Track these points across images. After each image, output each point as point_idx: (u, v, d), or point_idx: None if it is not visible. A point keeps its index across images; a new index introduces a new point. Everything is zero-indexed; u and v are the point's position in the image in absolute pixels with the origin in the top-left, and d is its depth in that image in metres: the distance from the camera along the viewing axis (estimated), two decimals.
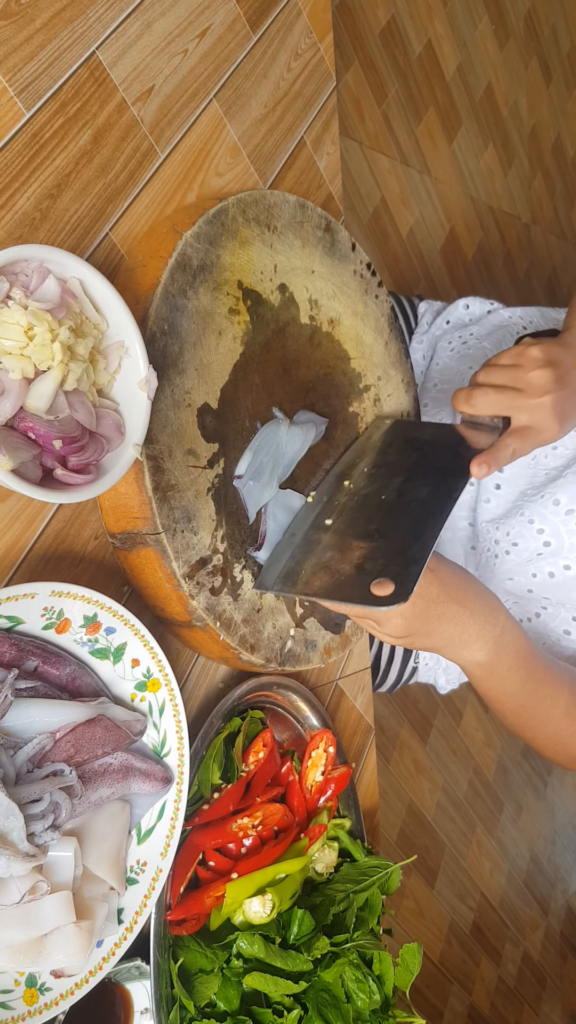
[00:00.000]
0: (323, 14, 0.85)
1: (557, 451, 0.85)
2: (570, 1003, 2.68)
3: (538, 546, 0.84)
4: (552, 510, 0.82)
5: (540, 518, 0.83)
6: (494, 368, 0.72)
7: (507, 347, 0.96)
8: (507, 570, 0.88)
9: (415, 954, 0.73)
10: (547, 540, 0.83)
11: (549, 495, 0.83)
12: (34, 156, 0.58)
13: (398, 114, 2.24)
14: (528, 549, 0.85)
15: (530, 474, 0.87)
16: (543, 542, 0.83)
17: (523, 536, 0.85)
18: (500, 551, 0.88)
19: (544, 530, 0.83)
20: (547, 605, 0.88)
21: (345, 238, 0.80)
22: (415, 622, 0.65)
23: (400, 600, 0.58)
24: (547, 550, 0.84)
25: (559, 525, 0.82)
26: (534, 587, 0.87)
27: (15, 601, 0.53)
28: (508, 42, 2.72)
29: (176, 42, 0.69)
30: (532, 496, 0.85)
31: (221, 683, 0.75)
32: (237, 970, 0.64)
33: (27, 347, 0.50)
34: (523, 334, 0.84)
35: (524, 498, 0.87)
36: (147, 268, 0.62)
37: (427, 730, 2.25)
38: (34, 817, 0.50)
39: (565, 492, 0.81)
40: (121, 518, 0.61)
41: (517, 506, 0.87)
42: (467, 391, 0.71)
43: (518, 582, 0.88)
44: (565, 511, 0.82)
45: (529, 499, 0.85)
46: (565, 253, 3.06)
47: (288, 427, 0.72)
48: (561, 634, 0.88)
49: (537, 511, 0.83)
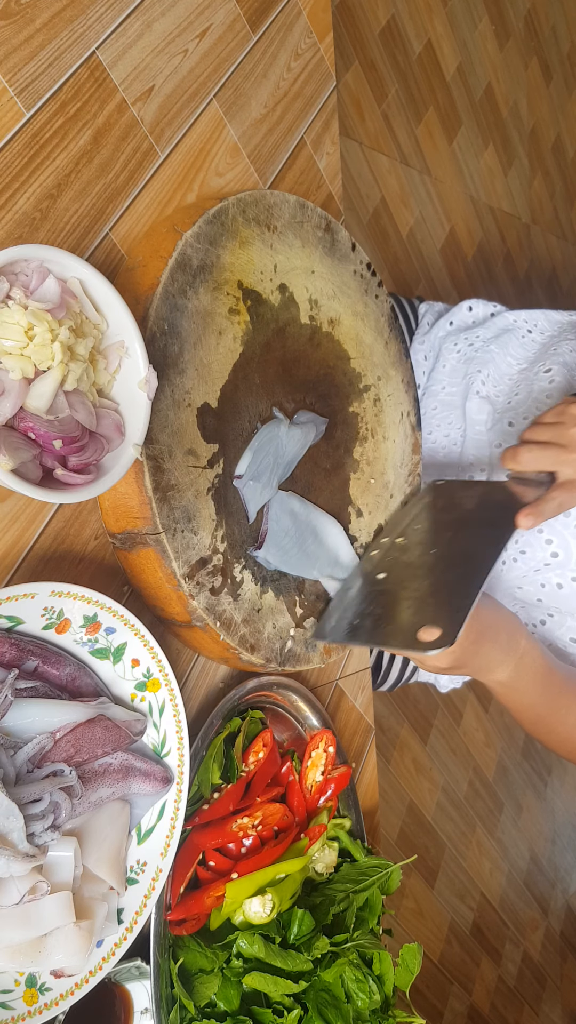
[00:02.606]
0: (323, 14, 0.85)
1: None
2: (570, 1003, 2.69)
3: (545, 556, 0.84)
4: (562, 521, 0.83)
5: (549, 528, 0.83)
6: (538, 426, 0.75)
7: (512, 350, 0.97)
8: (515, 578, 0.88)
9: (415, 954, 0.73)
10: (555, 551, 0.84)
11: None
12: (34, 156, 0.58)
13: (398, 114, 2.24)
14: (536, 558, 0.85)
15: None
16: (551, 552, 0.84)
17: (531, 545, 0.85)
18: (508, 558, 0.88)
19: (552, 540, 0.84)
20: (554, 613, 0.88)
21: (345, 238, 0.80)
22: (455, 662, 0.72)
23: (445, 645, 0.63)
24: (555, 561, 0.84)
25: (568, 537, 0.83)
26: (543, 596, 0.87)
27: (15, 601, 0.53)
28: (508, 42, 2.72)
29: (176, 42, 0.69)
30: None
31: (221, 683, 0.75)
32: (237, 970, 0.64)
33: (27, 347, 0.50)
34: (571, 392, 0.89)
35: None
36: (147, 268, 0.62)
37: (427, 730, 2.25)
38: (34, 817, 0.50)
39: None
40: (121, 518, 0.61)
41: None
42: (513, 449, 0.75)
43: (527, 591, 0.88)
44: (575, 524, 0.82)
45: None
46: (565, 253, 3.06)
47: (288, 427, 0.72)
48: (568, 642, 0.88)
49: (547, 522, 0.83)
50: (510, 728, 2.64)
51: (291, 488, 0.74)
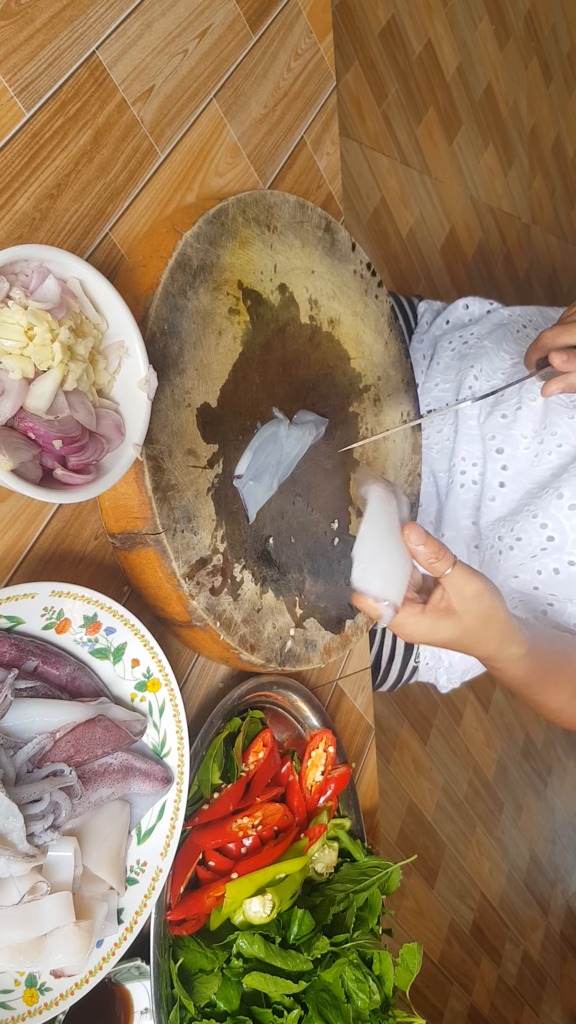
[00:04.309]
0: (323, 14, 0.85)
1: (563, 448, 0.85)
2: (570, 1003, 2.69)
3: (541, 541, 0.84)
4: (556, 504, 0.82)
5: (544, 512, 0.83)
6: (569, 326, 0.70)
7: (506, 345, 0.96)
8: (512, 567, 0.88)
9: (415, 954, 0.73)
10: (551, 535, 0.83)
11: (553, 490, 0.83)
12: (34, 156, 0.58)
13: (398, 114, 2.24)
14: (532, 544, 0.85)
15: (535, 472, 0.87)
16: (547, 537, 0.83)
17: (526, 531, 0.85)
18: (504, 547, 0.88)
19: (547, 524, 0.83)
20: (553, 601, 0.88)
21: (345, 238, 0.80)
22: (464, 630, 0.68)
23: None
24: (551, 545, 0.83)
25: (563, 520, 0.82)
26: (540, 584, 0.87)
27: (15, 601, 0.53)
28: (508, 42, 2.72)
29: (176, 42, 0.69)
30: (537, 493, 0.85)
31: (221, 683, 0.75)
32: (237, 970, 0.64)
33: (27, 347, 0.50)
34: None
35: (530, 496, 0.87)
36: (147, 268, 0.62)
37: (427, 730, 2.25)
38: (34, 817, 0.50)
39: (568, 487, 0.81)
40: (121, 518, 0.61)
41: (523, 503, 0.87)
42: (565, 352, 0.69)
43: (523, 579, 0.88)
44: (568, 506, 0.82)
45: (534, 496, 0.85)
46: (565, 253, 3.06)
47: (288, 427, 0.72)
48: (572, 627, 0.88)
49: (541, 506, 0.83)
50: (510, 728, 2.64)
51: (291, 488, 0.74)
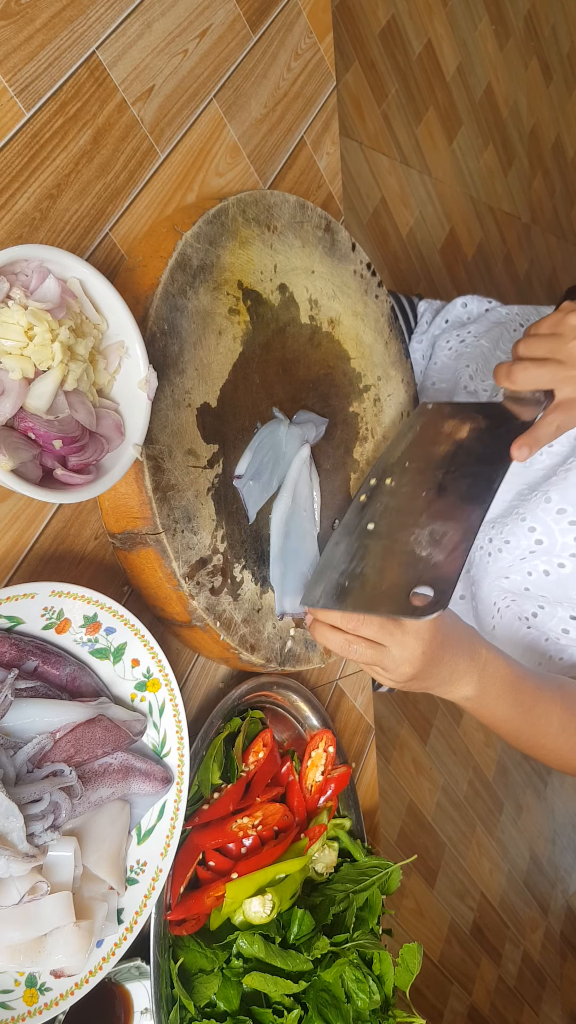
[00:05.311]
0: (323, 14, 0.85)
1: (552, 449, 0.85)
2: (570, 1003, 2.69)
3: (530, 543, 0.84)
4: (543, 507, 0.82)
5: (532, 515, 0.83)
6: (533, 339, 0.68)
7: (503, 344, 0.96)
8: (501, 568, 0.88)
9: (415, 954, 0.73)
10: (539, 538, 0.83)
11: (541, 493, 0.82)
12: (34, 156, 0.58)
13: (398, 114, 2.24)
14: (520, 547, 0.85)
15: (526, 474, 0.87)
16: (535, 540, 0.83)
17: (515, 534, 0.84)
18: (493, 549, 0.88)
19: (536, 528, 0.83)
20: (544, 604, 0.88)
21: (345, 238, 0.80)
22: (421, 668, 0.65)
23: (439, 608, 0.57)
24: (539, 548, 0.83)
25: (550, 523, 0.82)
26: (530, 585, 0.86)
27: (15, 601, 0.53)
28: (508, 42, 2.72)
29: (176, 42, 0.69)
30: (527, 495, 0.85)
31: (221, 683, 0.75)
32: (237, 970, 0.64)
33: (27, 347, 0.50)
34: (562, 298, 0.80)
35: (520, 497, 0.86)
36: (147, 268, 0.62)
37: (427, 730, 2.25)
38: (34, 817, 0.50)
39: (556, 490, 0.81)
40: (121, 518, 0.61)
41: (512, 506, 0.87)
42: (507, 365, 0.67)
43: (514, 580, 0.88)
44: (556, 509, 0.81)
45: (524, 498, 0.85)
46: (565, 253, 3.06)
47: (288, 427, 0.72)
48: (560, 633, 0.88)
49: (529, 509, 0.83)
50: None
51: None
